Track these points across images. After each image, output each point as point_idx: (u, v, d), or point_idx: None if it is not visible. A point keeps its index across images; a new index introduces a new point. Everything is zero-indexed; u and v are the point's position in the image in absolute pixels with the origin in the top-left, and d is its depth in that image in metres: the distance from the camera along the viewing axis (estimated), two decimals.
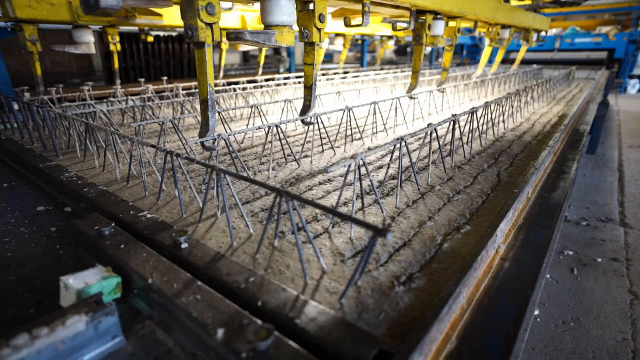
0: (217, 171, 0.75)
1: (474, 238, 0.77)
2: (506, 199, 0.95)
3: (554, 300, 1.73)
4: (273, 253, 0.72)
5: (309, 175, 1.16)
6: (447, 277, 0.64)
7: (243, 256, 0.71)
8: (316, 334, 0.50)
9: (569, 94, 3.13)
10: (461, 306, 0.64)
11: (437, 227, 0.81)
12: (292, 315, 0.54)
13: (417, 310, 0.56)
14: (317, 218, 0.86)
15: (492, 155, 1.34)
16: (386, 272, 0.65)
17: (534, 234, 0.91)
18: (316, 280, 0.63)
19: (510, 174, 1.15)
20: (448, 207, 0.91)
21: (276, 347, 0.48)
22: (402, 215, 0.87)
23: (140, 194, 1.02)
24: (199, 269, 0.67)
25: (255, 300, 0.57)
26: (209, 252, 0.71)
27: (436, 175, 1.12)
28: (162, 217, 0.87)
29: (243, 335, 0.50)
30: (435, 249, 0.73)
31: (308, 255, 0.70)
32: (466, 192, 1.01)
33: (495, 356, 0.56)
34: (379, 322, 0.53)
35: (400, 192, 1.00)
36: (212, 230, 0.81)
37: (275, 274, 0.65)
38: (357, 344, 0.49)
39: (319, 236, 0.78)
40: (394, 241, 0.75)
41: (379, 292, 0.59)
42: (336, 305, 0.57)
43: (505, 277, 0.75)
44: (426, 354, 0.52)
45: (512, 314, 0.64)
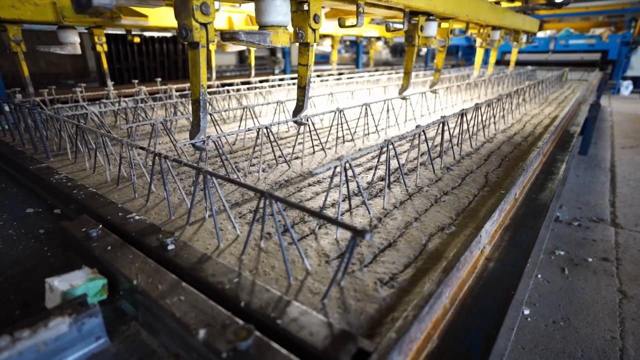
0: (204, 173, 0.75)
1: (459, 239, 0.78)
2: (493, 200, 0.96)
3: (545, 299, 1.74)
4: (259, 254, 0.72)
5: (299, 177, 1.16)
6: (431, 278, 0.64)
7: (229, 257, 0.71)
8: (297, 334, 0.51)
9: (561, 95, 3.16)
10: (444, 306, 0.65)
11: (423, 228, 0.82)
12: (274, 315, 0.54)
13: (399, 310, 0.56)
14: (305, 219, 0.87)
15: (481, 157, 1.35)
16: (370, 273, 0.66)
17: (520, 234, 0.92)
18: (300, 281, 0.64)
19: (499, 175, 1.16)
20: (435, 209, 0.92)
21: (257, 347, 0.49)
22: (389, 216, 0.88)
23: (130, 196, 1.02)
24: (184, 271, 0.67)
25: (239, 301, 0.58)
26: (195, 254, 0.71)
27: (425, 177, 1.13)
28: (151, 219, 0.88)
29: (224, 336, 0.50)
30: (420, 249, 0.74)
31: (294, 256, 0.71)
32: (454, 193, 1.02)
33: (476, 355, 0.57)
34: (360, 322, 0.54)
35: (388, 194, 1.01)
36: (200, 232, 0.81)
37: (260, 274, 0.66)
38: (337, 344, 0.49)
39: (305, 237, 0.79)
40: (379, 242, 0.76)
41: (362, 293, 0.60)
42: (318, 306, 0.57)
43: (489, 277, 0.76)
44: (406, 354, 0.53)
45: (494, 314, 0.65)
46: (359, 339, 0.50)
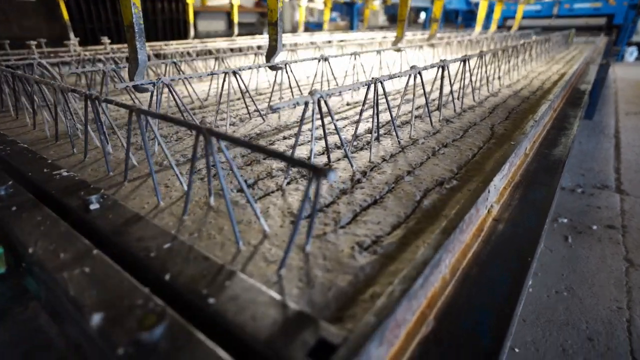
0: (137, 112, 0.58)
1: (462, 195, 0.62)
2: (501, 152, 0.80)
3: (547, 269, 1.62)
4: (207, 214, 0.56)
5: (274, 131, 0.99)
6: (426, 241, 0.49)
7: (168, 218, 0.55)
8: (234, 319, 0.36)
9: (567, 55, 2.95)
10: (443, 277, 0.50)
11: (417, 183, 0.66)
12: (206, 292, 0.39)
13: (382, 283, 0.41)
14: (272, 174, 0.71)
15: (485, 110, 1.18)
16: (346, 236, 0.50)
17: (533, 192, 0.77)
18: (253, 246, 0.48)
19: (506, 128, 1.00)
20: (432, 161, 0.76)
21: (171, 338, 0.34)
22: (376, 170, 0.72)
23: (68, 152, 0.85)
24: (105, 235, 0.51)
25: (164, 273, 0.43)
26: (124, 215, 0.55)
27: (421, 129, 0.97)
28: (84, 176, 0.71)
29: (127, 322, 0.35)
30: (413, 206, 0.58)
31: (251, 216, 0.55)
32: (455, 145, 0.86)
33: (484, 340, 0.42)
34: (327, 300, 0.39)
35: (376, 146, 0.84)
36: (140, 189, 0.65)
37: (202, 238, 0.50)
38: (289, 332, 0.34)
39: (269, 194, 0.63)
40: (362, 199, 0.60)
41: (333, 261, 0.45)
42: (272, 279, 0.42)
43: (498, 242, 0.61)
44: (390, 342, 0.38)
45: (506, 286, 0.51)
46: (322, 324, 0.35)
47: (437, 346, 0.41)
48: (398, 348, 0.39)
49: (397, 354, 0.39)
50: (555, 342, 1.27)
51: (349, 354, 0.32)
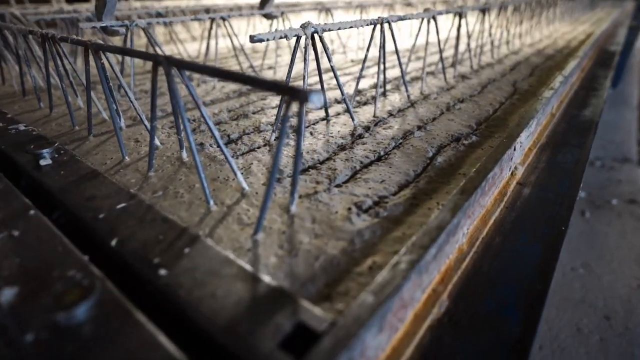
0: (91, 47, 0.48)
1: (483, 151, 0.52)
2: (527, 107, 0.69)
3: (563, 244, 1.53)
4: (179, 170, 0.47)
5: None
6: (440, 202, 0.40)
7: (132, 175, 0.47)
8: (187, 297, 0.27)
9: (593, 16, 2.73)
10: (459, 247, 0.40)
11: (429, 139, 0.56)
12: (158, 261, 0.31)
13: (384, 252, 0.32)
14: (260, 128, 0.61)
15: (506, 67, 1.05)
16: (342, 195, 0.41)
17: (563, 154, 0.66)
18: (227, 206, 0.39)
19: (531, 84, 0.88)
20: (447, 116, 0.65)
21: (101, 319, 0.26)
22: (381, 125, 0.62)
23: (34, 107, 0.76)
24: (52, 193, 0.43)
25: (111, 238, 0.34)
26: (79, 171, 0.47)
27: (433, 85, 0.85)
28: (47, 131, 0.62)
29: (43, 299, 0.27)
30: (424, 164, 0.49)
31: (231, 172, 0.46)
32: (473, 100, 0.75)
33: (512, 323, 0.33)
34: (313, 272, 0.30)
35: (382, 101, 0.74)
36: (106, 144, 0.56)
37: (167, 197, 0.41)
38: (259, 316, 0.26)
39: (255, 150, 0.54)
40: (363, 155, 0.51)
41: (324, 224, 0.36)
42: (245, 245, 0.33)
43: (525, 208, 0.51)
44: (394, 327, 0.29)
45: (537, 258, 0.42)
46: (303, 305, 0.26)
47: (452, 332, 0.32)
48: (403, 334, 0.31)
49: (402, 343, 0.30)
50: (570, 321, 1.19)
51: (335, 345, 0.23)
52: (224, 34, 1.41)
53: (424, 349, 0.30)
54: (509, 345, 0.31)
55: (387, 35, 0.65)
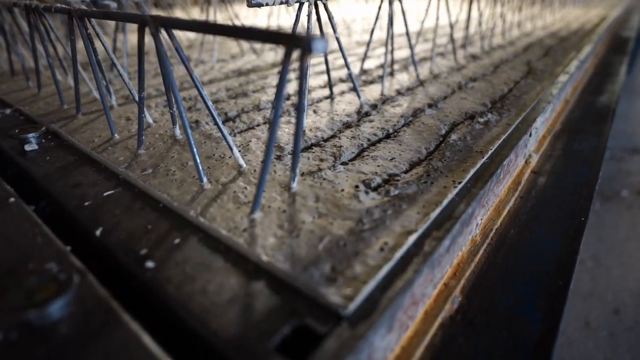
0: (76, 14, 0.44)
1: (500, 130, 0.48)
2: (543, 85, 0.65)
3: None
4: (171, 148, 0.44)
5: (269, 66, 0.84)
6: (456, 181, 0.36)
7: (120, 152, 0.43)
8: (175, 293, 0.24)
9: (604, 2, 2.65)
10: (472, 239, 0.38)
11: (441, 116, 0.52)
12: (146, 252, 0.27)
13: (397, 233, 0.29)
14: (259, 106, 0.57)
15: (519, 48, 1.00)
16: (349, 173, 0.37)
17: (579, 142, 0.63)
18: (222, 184, 0.36)
19: (546, 64, 0.83)
20: (459, 95, 0.61)
21: (80, 318, 0.23)
22: (389, 103, 0.58)
23: (23, 86, 0.72)
24: (36, 180, 0.39)
25: (95, 227, 0.31)
26: (65, 157, 0.44)
27: (443, 65, 0.81)
28: (33, 110, 0.59)
29: (14, 295, 0.24)
30: (437, 141, 0.45)
31: (227, 150, 0.43)
32: (486, 79, 0.70)
33: (532, 324, 0.30)
34: (316, 255, 0.27)
35: (390, 80, 0.69)
36: (96, 123, 0.52)
37: (157, 175, 0.38)
38: (254, 315, 0.22)
39: (254, 127, 0.50)
40: (371, 132, 0.47)
41: (329, 203, 0.32)
42: (241, 225, 0.30)
43: (541, 197, 0.48)
44: (404, 325, 0.27)
45: (556, 252, 0.38)
46: (303, 303, 0.23)
47: (466, 331, 0.29)
48: (413, 333, 0.28)
49: (411, 343, 0.27)
50: (579, 314, 1.16)
51: (339, 349, 0.20)
52: (224, 18, 1.36)
53: (436, 349, 0.27)
54: (529, 349, 0.28)
55: (395, 8, 0.61)
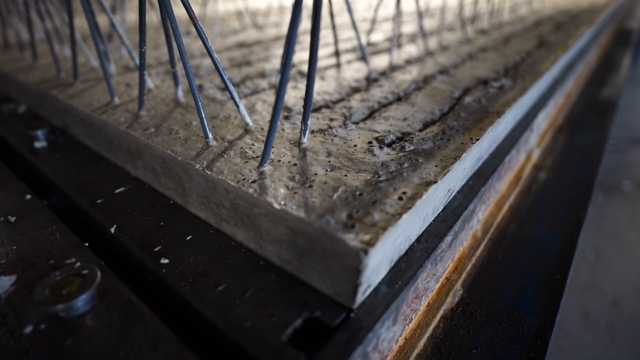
0: None
1: (514, 93, 0.46)
2: (557, 56, 0.63)
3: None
4: (174, 110, 0.42)
5: (272, 39, 0.82)
6: (473, 138, 0.34)
7: (121, 114, 0.41)
8: (190, 288, 0.24)
9: None
10: (474, 234, 0.37)
11: (454, 82, 0.50)
12: (159, 249, 0.28)
13: (415, 184, 0.27)
14: (265, 73, 0.55)
15: (528, 23, 0.98)
16: (361, 131, 0.35)
17: (581, 136, 0.61)
18: (229, 141, 0.34)
19: (558, 37, 0.81)
20: (470, 64, 0.59)
21: (103, 311, 0.24)
22: (398, 70, 0.56)
23: (17, 57, 0.70)
24: (48, 177, 0.38)
25: (110, 224, 0.30)
26: (75, 153, 0.43)
27: (452, 39, 0.78)
28: (29, 78, 0.57)
29: (42, 288, 0.24)
30: (451, 103, 0.43)
31: (232, 111, 0.41)
32: (497, 50, 0.68)
33: (531, 316, 0.30)
34: (331, 203, 0.25)
35: (398, 51, 0.67)
36: (94, 89, 0.51)
37: (160, 133, 0.36)
38: (269, 308, 0.21)
39: (259, 92, 0.48)
40: (381, 96, 0.45)
41: (342, 157, 0.31)
42: (249, 176, 0.28)
43: (541, 193, 0.48)
44: (408, 317, 0.27)
45: (555, 247, 0.38)
46: (313, 296, 0.21)
47: (467, 324, 0.29)
48: (416, 326, 0.28)
49: (414, 334, 0.27)
50: (578, 305, 1.16)
51: (348, 340, 0.21)
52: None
53: (438, 340, 0.28)
54: (527, 341, 0.28)
55: None
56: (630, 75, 3.03)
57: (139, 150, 0.36)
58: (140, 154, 0.36)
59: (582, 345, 1.05)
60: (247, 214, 0.27)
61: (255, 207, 0.26)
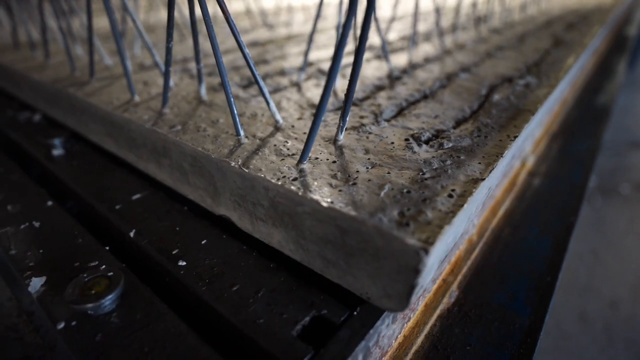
0: None
1: (543, 90, 0.45)
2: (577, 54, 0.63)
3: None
4: (197, 108, 0.41)
5: (285, 39, 0.81)
6: (511, 135, 0.33)
7: (144, 112, 0.40)
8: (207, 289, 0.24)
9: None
10: (469, 239, 0.37)
11: (478, 79, 0.49)
12: (177, 252, 0.29)
13: (462, 181, 0.26)
14: (284, 71, 0.55)
15: (539, 23, 0.97)
16: (394, 128, 0.35)
17: (575, 143, 0.62)
18: (260, 139, 0.33)
19: (573, 36, 0.80)
20: (490, 62, 0.59)
21: (127, 309, 0.25)
22: (418, 68, 0.55)
23: (28, 56, 0.69)
24: (66, 184, 0.37)
25: (129, 229, 0.29)
26: (92, 161, 0.43)
27: (466, 38, 0.78)
28: (43, 77, 0.56)
29: (72, 289, 0.26)
30: (480, 101, 0.42)
31: (258, 109, 0.40)
32: (514, 48, 0.68)
33: (522, 315, 0.32)
34: (380, 201, 0.24)
35: (415, 49, 0.67)
36: (111, 87, 0.50)
37: (188, 131, 0.35)
38: (280, 307, 0.20)
39: (282, 89, 0.47)
40: (407, 94, 0.44)
41: (381, 154, 0.30)
42: (289, 174, 0.27)
43: (535, 199, 0.49)
44: (407, 316, 0.28)
45: (546, 251, 0.40)
46: (319, 296, 0.21)
47: (462, 323, 0.31)
48: (414, 324, 0.29)
49: (412, 332, 0.29)
50: (576, 307, 1.15)
51: (352, 335, 0.23)
52: None
53: (434, 338, 0.29)
54: (518, 338, 0.29)
55: None
56: (630, 79, 3.05)
57: (166, 148, 0.35)
58: (167, 152, 0.35)
59: (579, 347, 1.05)
60: (289, 213, 0.26)
61: (299, 206, 0.25)
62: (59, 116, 0.56)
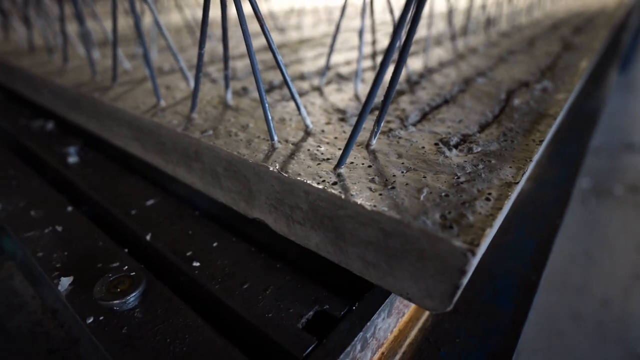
0: None
1: (561, 95, 0.46)
2: (589, 58, 0.64)
3: (563, 232, 1.51)
4: (225, 112, 0.42)
5: (297, 43, 0.82)
6: (536, 139, 0.34)
7: (172, 116, 0.41)
8: (220, 287, 0.24)
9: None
10: None
11: (495, 84, 0.50)
12: (190, 254, 0.32)
13: (497, 185, 0.27)
14: (303, 76, 0.56)
15: (546, 27, 0.99)
16: (422, 133, 0.36)
17: (563, 148, 0.64)
18: (293, 143, 0.34)
19: (581, 40, 0.82)
20: (503, 66, 0.60)
21: (148, 305, 0.28)
22: (435, 72, 0.56)
23: (45, 60, 0.70)
24: (82, 191, 0.38)
25: (145, 233, 0.31)
26: (106, 168, 0.46)
27: (475, 42, 0.79)
28: (64, 82, 0.56)
29: (98, 287, 0.29)
30: (501, 105, 0.43)
31: (283, 114, 0.41)
32: (525, 52, 0.69)
33: (506, 312, 0.34)
34: (421, 204, 0.25)
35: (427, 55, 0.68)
36: (135, 91, 0.50)
37: (219, 136, 0.36)
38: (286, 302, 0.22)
39: (304, 94, 0.48)
40: (428, 98, 0.45)
41: (414, 159, 0.31)
42: (328, 179, 0.28)
43: (522, 202, 0.51)
44: (401, 311, 0.31)
45: (531, 251, 0.42)
46: (322, 292, 0.22)
47: (452, 318, 0.34)
48: (408, 319, 0.32)
49: (407, 326, 0.32)
50: (569, 306, 1.17)
51: (350, 327, 0.26)
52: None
53: (427, 331, 0.32)
54: (503, 330, 0.32)
55: None
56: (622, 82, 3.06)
57: (198, 152, 0.36)
58: (199, 157, 0.36)
59: (572, 345, 1.07)
60: (329, 216, 0.27)
61: (341, 209, 0.26)
62: (80, 120, 0.56)
